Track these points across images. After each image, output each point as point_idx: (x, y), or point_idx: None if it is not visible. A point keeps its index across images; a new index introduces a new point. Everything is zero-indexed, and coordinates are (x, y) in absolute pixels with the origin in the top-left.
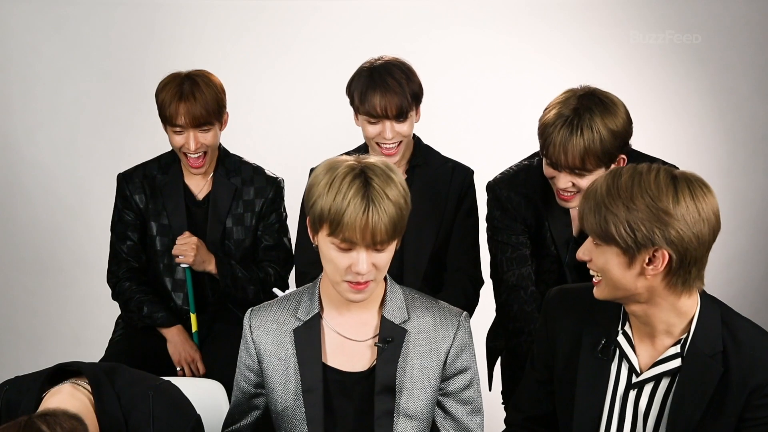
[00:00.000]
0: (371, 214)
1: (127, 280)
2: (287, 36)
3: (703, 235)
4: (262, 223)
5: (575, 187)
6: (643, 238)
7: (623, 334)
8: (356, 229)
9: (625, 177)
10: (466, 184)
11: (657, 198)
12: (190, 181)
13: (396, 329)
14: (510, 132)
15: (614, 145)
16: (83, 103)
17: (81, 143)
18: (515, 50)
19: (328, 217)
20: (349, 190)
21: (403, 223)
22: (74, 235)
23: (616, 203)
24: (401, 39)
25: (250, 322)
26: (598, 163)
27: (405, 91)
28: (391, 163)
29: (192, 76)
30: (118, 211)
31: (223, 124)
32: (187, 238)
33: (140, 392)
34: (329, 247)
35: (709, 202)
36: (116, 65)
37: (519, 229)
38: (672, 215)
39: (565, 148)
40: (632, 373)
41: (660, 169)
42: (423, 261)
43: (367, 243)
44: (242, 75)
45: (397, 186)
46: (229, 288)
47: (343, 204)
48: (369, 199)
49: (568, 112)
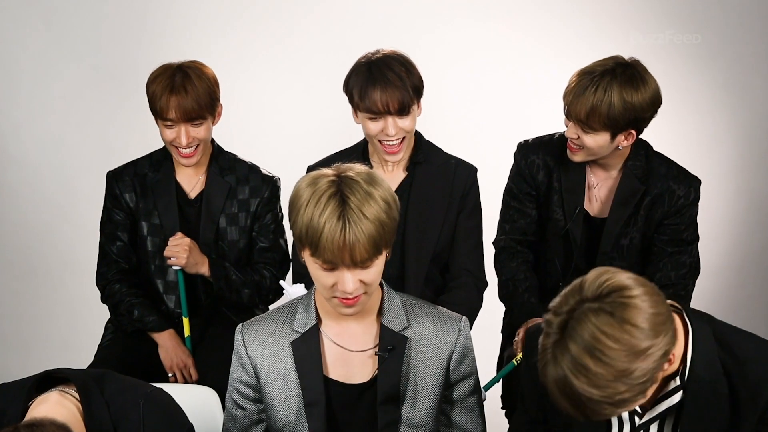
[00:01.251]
0: (348, 235)
1: (117, 282)
2: (284, 26)
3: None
4: (257, 223)
5: (579, 141)
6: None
7: None
8: (335, 250)
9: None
10: (469, 183)
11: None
12: (183, 179)
13: (396, 337)
14: (515, 128)
15: (623, 115)
16: (71, 98)
17: (69, 140)
18: (520, 45)
19: (307, 239)
20: (324, 210)
21: (388, 237)
22: (62, 235)
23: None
24: (403, 32)
25: (243, 337)
26: (602, 126)
27: (406, 84)
28: (394, 159)
29: (184, 67)
30: (108, 211)
31: (216, 118)
32: (180, 239)
33: (130, 400)
34: (313, 266)
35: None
36: (106, 59)
37: (527, 191)
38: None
39: (577, 99)
40: (634, 415)
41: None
42: (425, 262)
43: (348, 264)
44: (236, 67)
45: (377, 201)
46: (222, 291)
47: (319, 225)
48: (345, 220)
49: (599, 69)
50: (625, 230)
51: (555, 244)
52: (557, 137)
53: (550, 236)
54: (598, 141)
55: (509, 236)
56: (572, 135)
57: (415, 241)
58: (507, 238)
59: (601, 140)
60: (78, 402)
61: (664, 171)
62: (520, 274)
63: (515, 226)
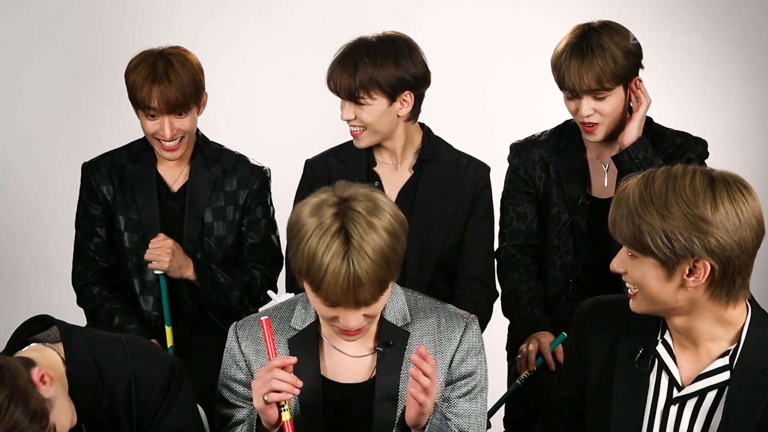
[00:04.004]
0: (351, 279)
1: (96, 284)
2: (276, 8)
3: (746, 241)
4: (246, 217)
5: (598, 113)
6: (681, 249)
7: (663, 343)
8: (338, 293)
9: (658, 182)
10: (481, 183)
11: (693, 204)
12: (165, 171)
13: (397, 332)
14: (530, 122)
15: (629, 62)
16: (45, 88)
17: (41, 134)
18: (533, 30)
19: (308, 276)
20: (328, 251)
21: (394, 271)
22: (35, 237)
23: (650, 211)
24: (406, 16)
25: (236, 334)
26: (616, 82)
27: (354, 73)
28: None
29: (166, 54)
30: (84, 205)
31: (201, 108)
32: (161, 241)
33: (111, 339)
34: (314, 300)
35: (750, 206)
36: (81, 44)
37: (524, 190)
38: (710, 223)
39: (580, 72)
40: (673, 386)
41: (696, 171)
42: (428, 270)
43: (351, 305)
44: (223, 53)
45: (379, 233)
46: (210, 295)
47: (322, 266)
48: (349, 262)
49: (576, 40)
50: None
51: (559, 244)
52: (549, 131)
53: (553, 237)
54: (615, 102)
55: (509, 243)
56: (588, 111)
57: (418, 248)
58: (507, 245)
59: (618, 100)
60: (58, 351)
61: (669, 132)
62: (523, 285)
63: (514, 230)
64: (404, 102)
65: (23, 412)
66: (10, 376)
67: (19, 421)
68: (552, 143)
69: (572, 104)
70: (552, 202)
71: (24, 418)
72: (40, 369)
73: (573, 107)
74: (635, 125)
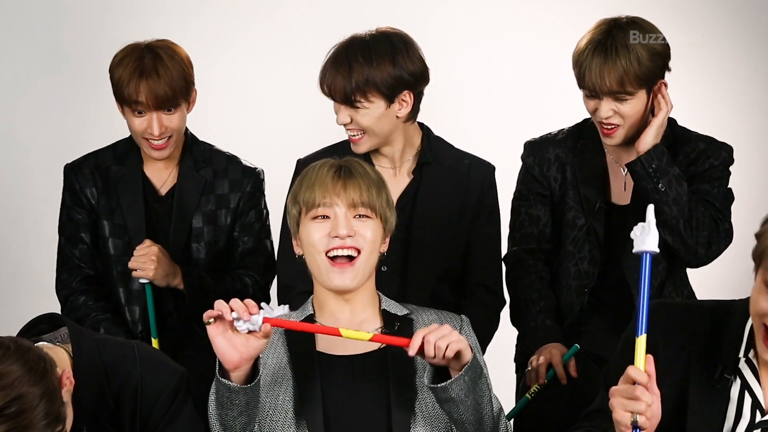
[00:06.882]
0: (343, 175)
1: (82, 293)
2: (268, 0)
3: None
4: (238, 222)
5: (617, 116)
6: None
7: (746, 361)
8: (328, 188)
9: None
10: (486, 185)
11: None
12: (152, 173)
13: (400, 319)
14: (540, 121)
15: (655, 64)
16: (24, 85)
17: (21, 133)
18: (543, 25)
19: (302, 196)
20: (321, 170)
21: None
22: (14, 244)
23: None
24: (407, 10)
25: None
26: (639, 85)
27: (351, 75)
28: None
29: (153, 47)
30: (67, 209)
31: (190, 105)
32: (147, 248)
33: (122, 344)
34: (309, 228)
35: None
36: (63, 39)
37: (537, 191)
38: None
39: (602, 72)
40: (756, 409)
41: None
42: (431, 278)
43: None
44: (213, 48)
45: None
46: (198, 305)
47: (315, 177)
48: (342, 169)
49: (600, 37)
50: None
51: (575, 250)
52: (566, 130)
53: (568, 243)
54: (636, 106)
55: (520, 247)
56: (607, 113)
57: (420, 255)
58: (518, 249)
59: (640, 104)
60: (68, 351)
61: (693, 136)
62: (533, 293)
63: (525, 234)
64: (403, 102)
65: (45, 413)
66: (51, 371)
67: (35, 422)
68: (569, 143)
69: (591, 103)
70: (567, 206)
71: (42, 419)
72: (64, 370)
73: (592, 107)
74: (652, 132)
